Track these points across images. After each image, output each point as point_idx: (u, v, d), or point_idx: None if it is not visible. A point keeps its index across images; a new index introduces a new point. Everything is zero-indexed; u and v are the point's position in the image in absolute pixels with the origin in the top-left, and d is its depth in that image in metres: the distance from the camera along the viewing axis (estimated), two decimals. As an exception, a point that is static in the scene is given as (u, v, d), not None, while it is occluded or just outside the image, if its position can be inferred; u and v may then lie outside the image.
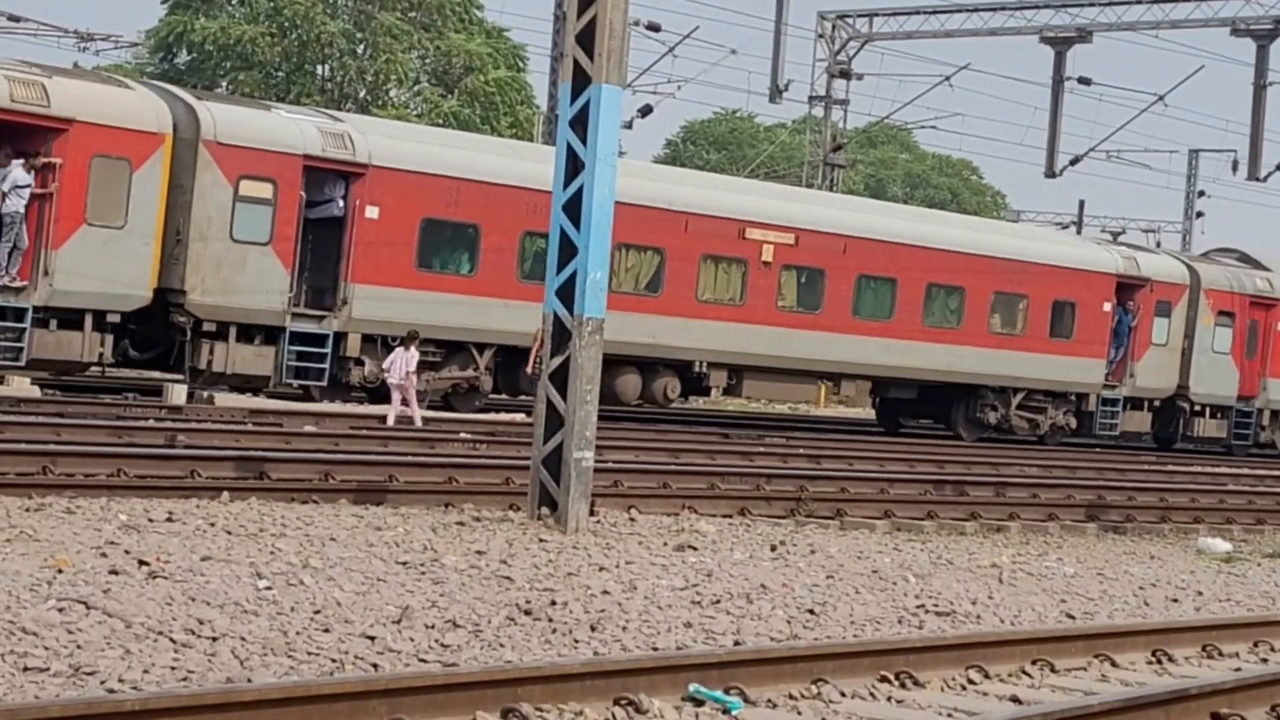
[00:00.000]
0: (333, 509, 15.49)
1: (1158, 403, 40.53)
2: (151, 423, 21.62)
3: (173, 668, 8.37)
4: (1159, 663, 11.10)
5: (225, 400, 26.14)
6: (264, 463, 17.32)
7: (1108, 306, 38.39)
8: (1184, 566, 17.17)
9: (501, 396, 31.84)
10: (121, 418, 22.17)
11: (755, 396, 36.84)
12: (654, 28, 46.19)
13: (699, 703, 8.65)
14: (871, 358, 34.53)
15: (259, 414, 24.82)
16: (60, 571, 10.70)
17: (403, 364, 26.06)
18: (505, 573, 12.27)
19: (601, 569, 12.96)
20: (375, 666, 8.87)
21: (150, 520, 13.57)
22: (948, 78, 50.21)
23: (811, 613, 11.73)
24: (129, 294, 25.63)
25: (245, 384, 27.21)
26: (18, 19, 50.61)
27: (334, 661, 8.87)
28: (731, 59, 79.49)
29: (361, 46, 57.33)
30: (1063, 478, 26.68)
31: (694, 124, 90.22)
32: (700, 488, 19.63)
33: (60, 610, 9.40)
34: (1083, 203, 75.22)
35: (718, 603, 11.75)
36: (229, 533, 13.23)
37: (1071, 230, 69.19)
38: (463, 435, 24.15)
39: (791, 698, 9.04)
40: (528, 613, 10.62)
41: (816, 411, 46.80)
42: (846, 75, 50.66)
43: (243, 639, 9.11)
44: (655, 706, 8.46)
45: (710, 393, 34.97)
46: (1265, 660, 11.63)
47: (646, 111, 48.65)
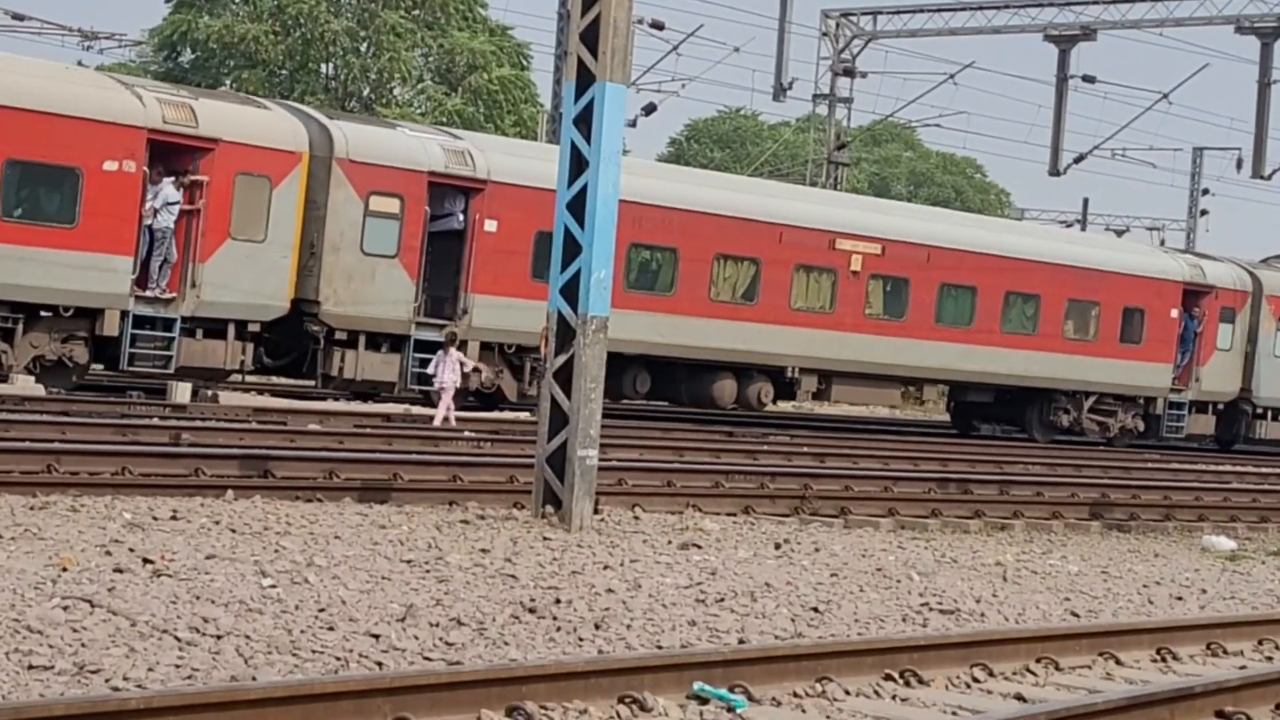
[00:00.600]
0: (337, 507, 15.50)
1: (1221, 406, 41.58)
2: (156, 421, 21.64)
3: (177, 666, 8.38)
4: (1164, 661, 11.10)
5: (229, 399, 26.23)
6: (268, 461, 17.33)
7: (1174, 313, 39.57)
8: (1188, 565, 17.17)
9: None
10: (126, 416, 22.19)
11: (843, 401, 38.13)
12: (658, 26, 46.20)
13: (704, 701, 8.65)
14: (952, 363, 35.73)
15: (263, 412, 24.84)
16: (65, 570, 10.71)
17: (444, 367, 26.28)
18: (510, 571, 12.27)
19: (606, 567, 12.96)
20: (380, 665, 8.87)
21: (155, 518, 13.58)
22: (952, 76, 50.21)
23: (816, 611, 11.73)
24: (269, 304, 27.02)
25: (373, 390, 28.68)
26: (21, 17, 50.70)
27: (339, 660, 8.88)
28: (735, 57, 79.40)
29: (365, 45, 57.30)
30: (1067, 476, 26.68)
31: (698, 122, 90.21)
32: (705, 486, 19.63)
33: (65, 608, 9.41)
34: (1087, 201, 75.16)
35: (722, 601, 11.75)
36: (233, 531, 13.24)
37: (1148, 239, 69.29)
38: (467, 433, 24.16)
39: (796, 696, 9.04)
40: (532, 611, 10.62)
41: (897, 415, 47.37)
42: (850, 73, 50.64)
43: (247, 637, 9.12)
44: (660, 705, 8.46)
45: (796, 397, 36.10)
46: (1270, 658, 11.62)
47: (650, 110, 48.65)
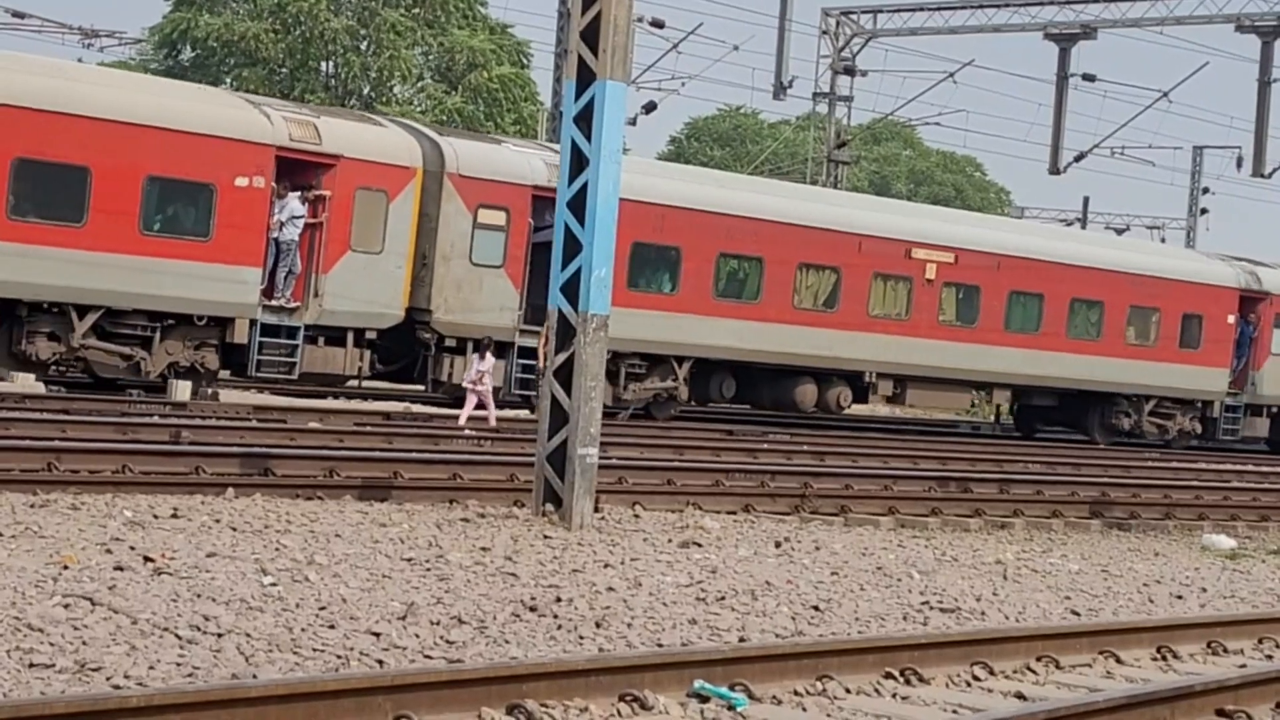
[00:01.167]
0: (338, 505, 15.50)
1: (1276, 409, 42.38)
2: (156, 419, 21.64)
3: (178, 664, 8.38)
4: (1164, 659, 11.10)
5: (230, 397, 26.26)
6: (269, 459, 17.33)
7: (1231, 319, 40.49)
8: (1188, 563, 17.17)
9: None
10: (126, 414, 22.19)
11: (917, 405, 39.07)
12: (658, 24, 46.16)
13: (704, 699, 8.66)
14: (1019, 368, 36.76)
15: (263, 410, 24.85)
16: (65, 568, 10.71)
17: (475, 369, 26.63)
18: (510, 569, 12.27)
19: (606, 565, 12.96)
20: (380, 663, 8.87)
21: (155, 516, 13.58)
22: (952, 74, 50.19)
23: (816, 609, 11.73)
24: (385, 313, 28.23)
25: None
26: (22, 15, 50.63)
27: (339, 658, 8.88)
28: (735, 55, 79.54)
29: (365, 43, 57.30)
30: (1067, 475, 26.68)
31: (698, 121, 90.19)
32: (705, 485, 19.63)
33: (66, 606, 9.42)
34: (1087, 199, 75.07)
35: (722, 599, 11.75)
36: (234, 529, 13.24)
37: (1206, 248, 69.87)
38: (467, 431, 24.16)
39: (796, 694, 9.04)
40: (533, 609, 10.63)
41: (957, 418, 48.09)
42: (850, 72, 50.61)
43: (248, 635, 9.12)
44: (660, 703, 8.47)
45: (867, 400, 36.93)
46: (1270, 657, 11.62)
47: (651, 108, 48.62)
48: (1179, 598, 14.36)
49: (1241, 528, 21.52)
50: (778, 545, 15.37)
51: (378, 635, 9.46)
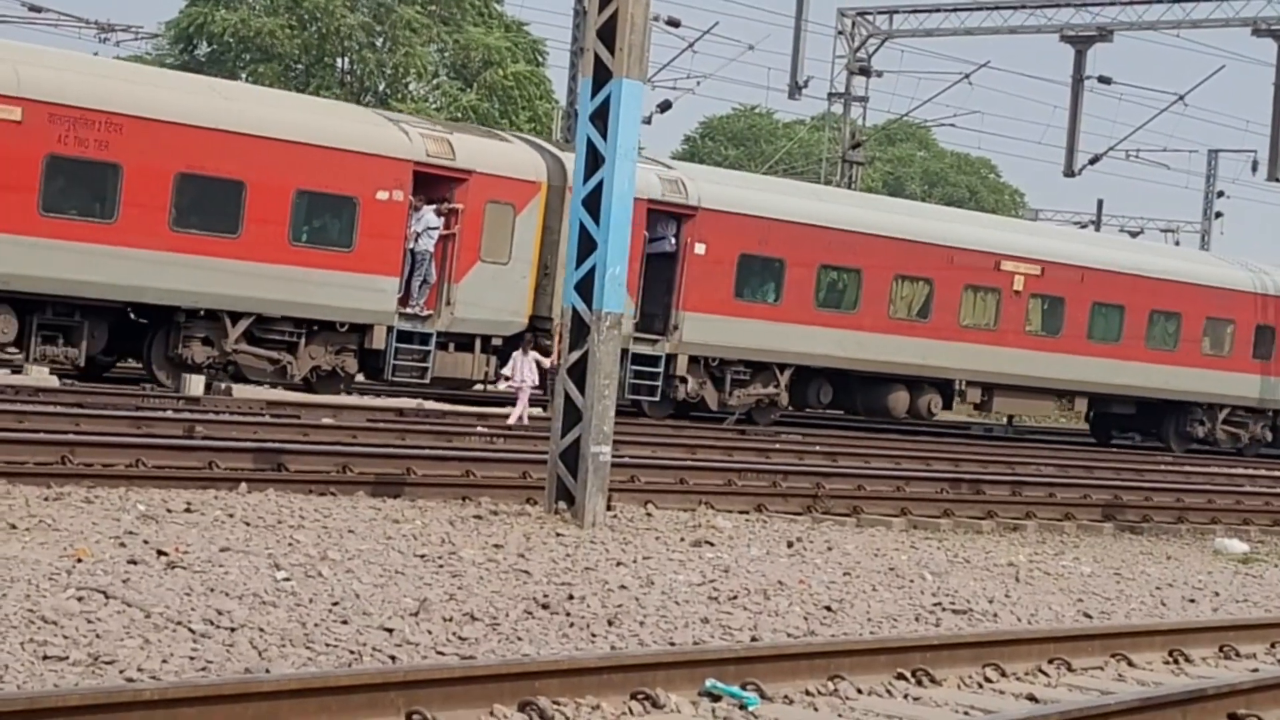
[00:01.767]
0: (350, 501, 15.52)
1: None
2: (170, 414, 21.68)
3: (191, 658, 8.39)
4: (1176, 663, 11.09)
5: (243, 392, 26.31)
6: (282, 454, 17.35)
7: None
8: (1201, 567, 17.15)
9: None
10: (140, 408, 22.24)
11: (1003, 412, 40.49)
12: (674, 23, 46.19)
13: (716, 698, 8.65)
14: (1101, 377, 38.17)
15: (276, 406, 24.88)
16: (79, 561, 10.73)
17: (521, 368, 26.80)
18: (523, 566, 12.28)
19: (619, 564, 12.97)
20: (393, 658, 8.88)
21: (169, 511, 13.60)
22: (967, 75, 50.13)
23: (829, 609, 11.73)
24: (511, 320, 29.76)
25: None
26: (39, 9, 50.70)
27: (352, 653, 8.89)
28: (751, 55, 79.46)
29: (381, 40, 57.34)
30: (1079, 477, 26.63)
31: (713, 120, 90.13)
32: (717, 484, 19.63)
33: (79, 599, 9.43)
34: (1101, 202, 74.96)
35: (735, 598, 11.75)
36: (247, 524, 13.26)
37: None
38: (480, 429, 24.18)
39: (808, 694, 9.04)
40: (545, 606, 10.63)
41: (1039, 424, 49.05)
42: (866, 72, 50.57)
43: (261, 630, 9.13)
44: (672, 701, 8.47)
45: (951, 407, 38.10)
46: (1282, 661, 11.61)
47: (666, 107, 48.66)
48: (1191, 601, 14.33)
49: (1254, 532, 21.48)
50: (790, 545, 15.37)
51: (390, 631, 9.46)
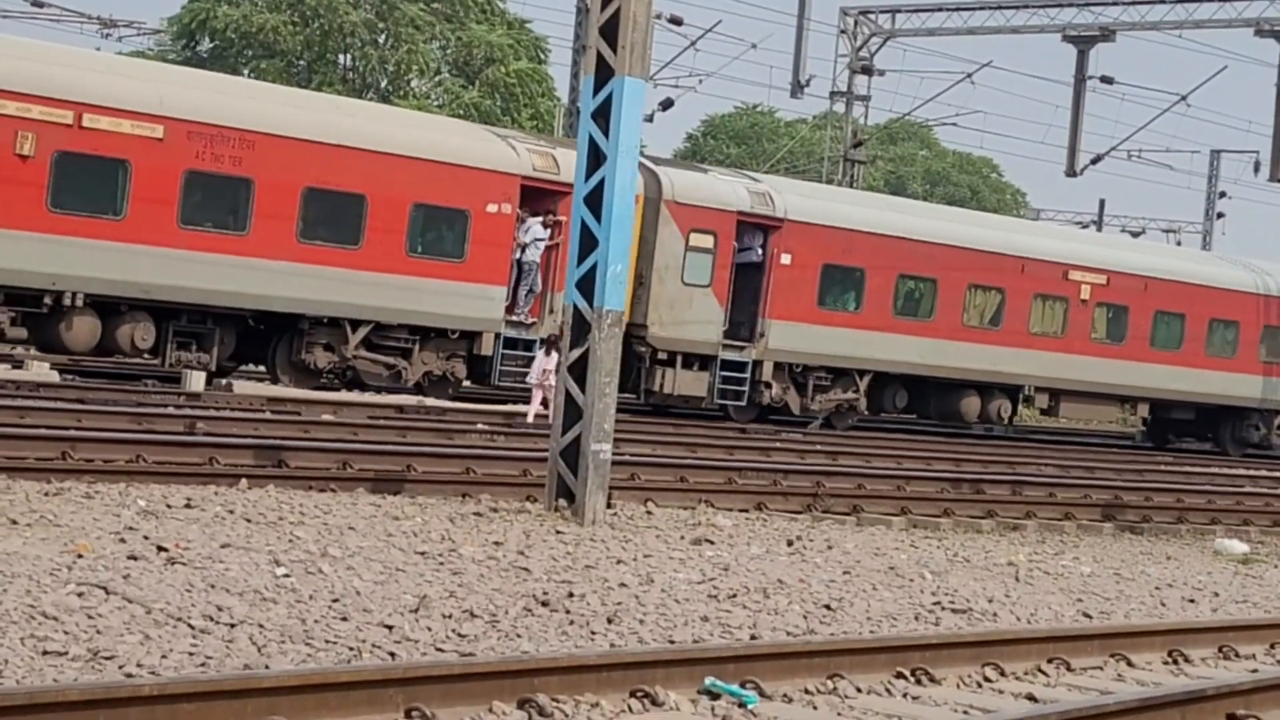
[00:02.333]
0: (351, 498, 15.52)
1: None
2: (171, 410, 21.67)
3: (191, 653, 8.40)
4: (1175, 663, 11.09)
5: (244, 388, 26.32)
6: (282, 451, 17.36)
7: None
8: (1201, 567, 17.15)
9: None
10: (141, 404, 22.22)
11: (1069, 417, 41.58)
12: (676, 21, 46.18)
13: (715, 696, 8.66)
14: (1163, 383, 39.47)
15: (277, 402, 24.88)
16: (80, 557, 10.73)
17: (540, 366, 27.05)
18: (522, 564, 12.28)
19: (619, 561, 12.97)
20: (393, 655, 8.89)
21: (169, 507, 13.60)
22: (969, 75, 50.10)
23: (828, 608, 11.73)
24: None
25: (685, 403, 32.86)
26: (41, 4, 50.72)
27: (351, 650, 8.89)
28: (753, 53, 79.42)
29: (383, 36, 57.36)
30: (1080, 477, 26.64)
31: (714, 118, 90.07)
32: (717, 482, 19.63)
33: (80, 595, 9.44)
34: (1103, 202, 74.94)
35: (734, 597, 11.75)
36: (248, 520, 13.26)
37: None
38: (480, 426, 24.18)
39: (807, 692, 9.04)
40: (545, 604, 10.64)
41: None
42: (868, 71, 50.55)
43: (261, 626, 9.14)
44: (671, 699, 8.47)
45: (1016, 412, 39.31)
46: (1282, 662, 11.61)
47: (668, 105, 48.65)
48: (1191, 601, 14.34)
49: (1254, 532, 21.47)
50: (790, 544, 15.37)
51: (390, 628, 9.47)
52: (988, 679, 9.90)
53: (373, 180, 27.87)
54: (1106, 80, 48.26)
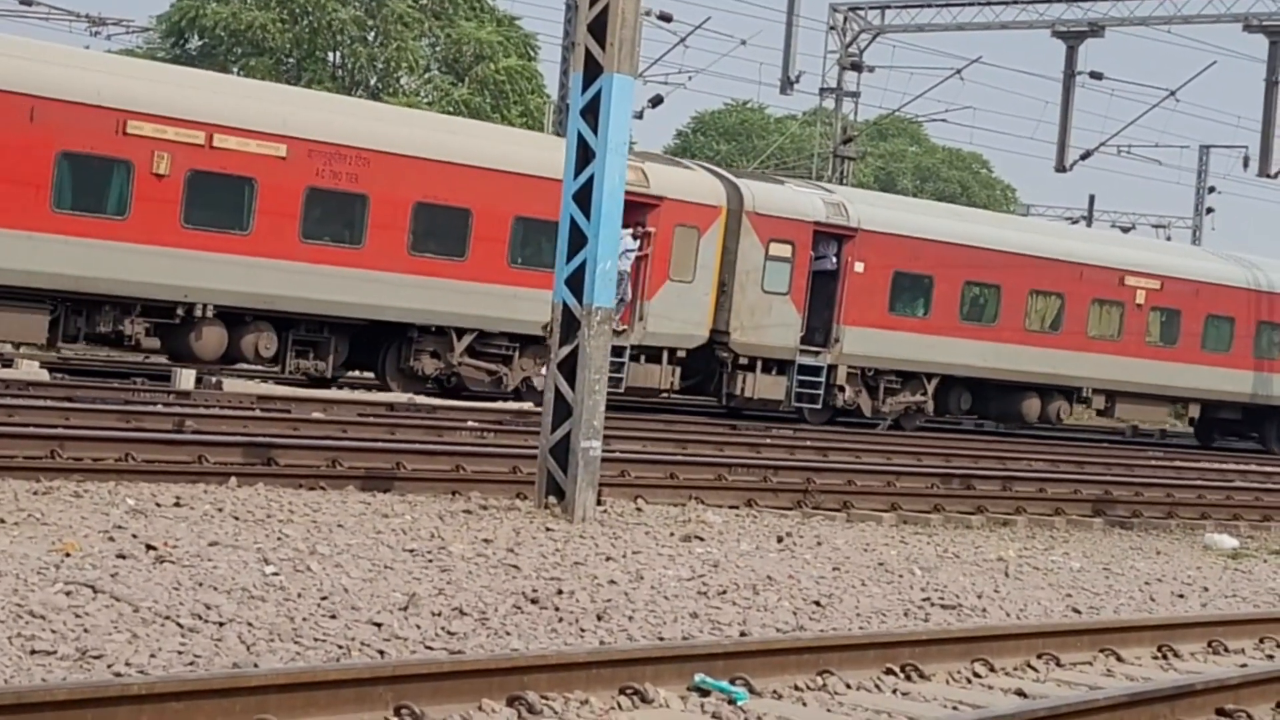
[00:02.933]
0: (340, 495, 15.51)
1: None
2: (160, 408, 21.64)
3: (179, 652, 8.38)
4: (1164, 658, 11.10)
5: (233, 386, 26.32)
6: (272, 449, 17.34)
7: None
8: (1190, 562, 17.16)
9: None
10: (130, 402, 22.19)
11: (1124, 417, 42.73)
12: (665, 18, 46.13)
13: (704, 693, 8.66)
14: (1214, 384, 40.88)
15: (267, 400, 24.86)
16: (68, 555, 10.71)
17: None
18: (512, 561, 12.28)
19: (608, 558, 12.96)
20: (382, 653, 8.87)
21: (158, 505, 13.58)
22: (959, 71, 50.17)
23: (818, 604, 11.73)
24: (694, 335, 32.54)
25: (763, 406, 33.96)
26: (29, 2, 50.63)
27: (340, 648, 8.88)
28: (743, 50, 79.36)
29: (372, 34, 57.30)
30: (1070, 472, 26.66)
31: (704, 114, 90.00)
32: (707, 478, 19.63)
33: (68, 594, 9.42)
34: (1093, 197, 74.89)
35: (724, 593, 11.75)
36: (236, 518, 13.25)
37: None
38: (470, 423, 24.17)
39: (797, 689, 9.04)
40: (534, 601, 10.63)
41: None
42: (858, 67, 50.56)
43: (249, 624, 9.12)
44: (661, 696, 8.47)
45: (1067, 413, 40.09)
46: (1271, 657, 11.62)
47: (657, 102, 48.60)
48: (1180, 596, 14.35)
49: (1244, 527, 21.50)
50: (780, 540, 15.37)
51: (379, 626, 9.46)
52: (977, 675, 9.90)
53: (478, 195, 29.15)
54: (1096, 76, 48.29)
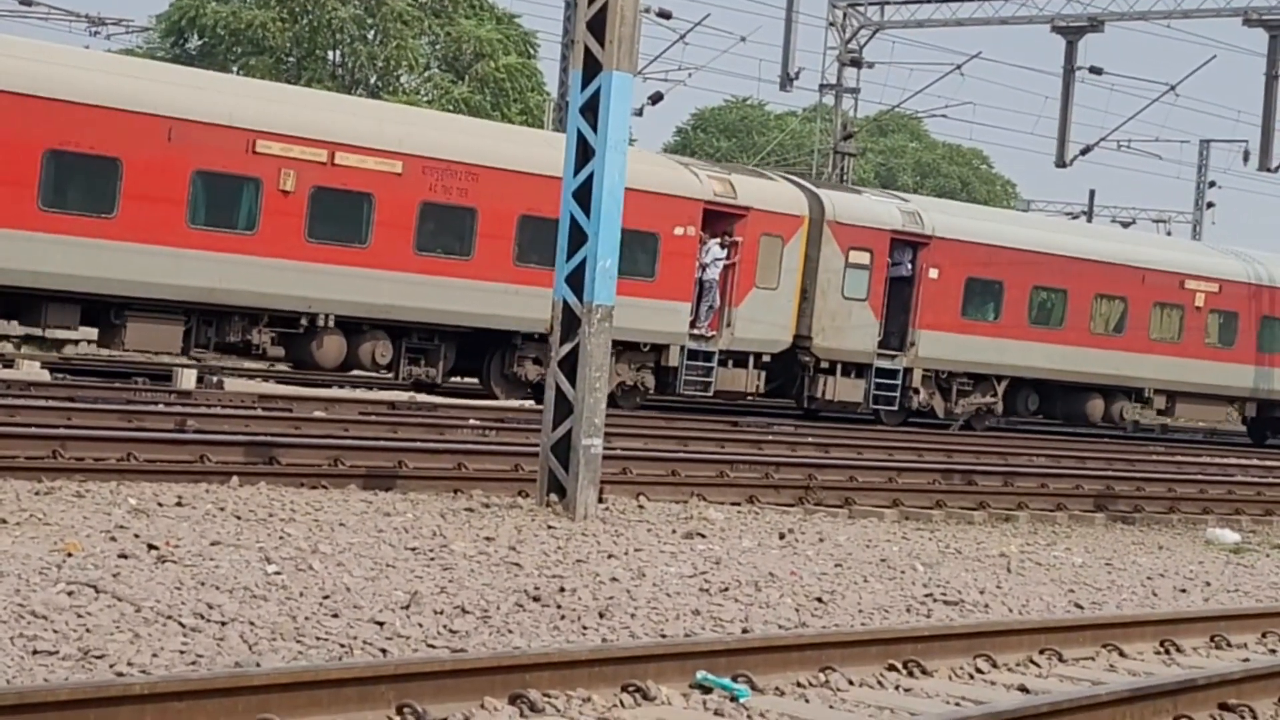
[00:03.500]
0: (342, 494, 15.50)
1: None
2: (161, 407, 21.64)
3: (181, 652, 8.39)
4: (1167, 653, 11.10)
5: (235, 385, 26.36)
6: (273, 448, 17.34)
7: None
8: (1192, 557, 17.16)
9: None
10: (131, 402, 22.19)
11: (1184, 417, 43.67)
12: (665, 15, 46.07)
13: (706, 690, 8.66)
14: (1269, 384, 41.96)
15: (268, 399, 24.86)
16: (70, 555, 10.72)
17: None
18: (514, 559, 12.27)
19: (610, 556, 12.96)
20: (384, 652, 8.87)
21: (160, 505, 13.58)
22: (959, 66, 50.06)
23: (820, 601, 11.73)
24: (778, 340, 33.54)
25: (842, 408, 35.12)
26: (29, 2, 50.63)
27: (342, 646, 8.88)
28: (742, 47, 79.28)
29: (372, 32, 57.29)
30: (1071, 468, 26.66)
31: (704, 111, 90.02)
32: (709, 475, 19.63)
33: (70, 594, 9.42)
34: (1093, 192, 74.98)
35: (726, 590, 11.75)
36: (238, 517, 13.24)
37: None
38: (472, 421, 24.17)
39: (799, 685, 9.04)
40: (536, 599, 10.63)
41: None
42: (857, 63, 50.49)
43: (251, 623, 9.12)
44: (663, 693, 8.47)
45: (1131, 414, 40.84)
46: (1274, 651, 11.62)
47: (657, 99, 48.56)
48: (1183, 591, 14.35)
49: (1246, 522, 21.49)
50: (781, 536, 15.37)
51: (381, 624, 9.46)
52: (980, 670, 9.90)
53: None
54: (1095, 71, 48.24)
